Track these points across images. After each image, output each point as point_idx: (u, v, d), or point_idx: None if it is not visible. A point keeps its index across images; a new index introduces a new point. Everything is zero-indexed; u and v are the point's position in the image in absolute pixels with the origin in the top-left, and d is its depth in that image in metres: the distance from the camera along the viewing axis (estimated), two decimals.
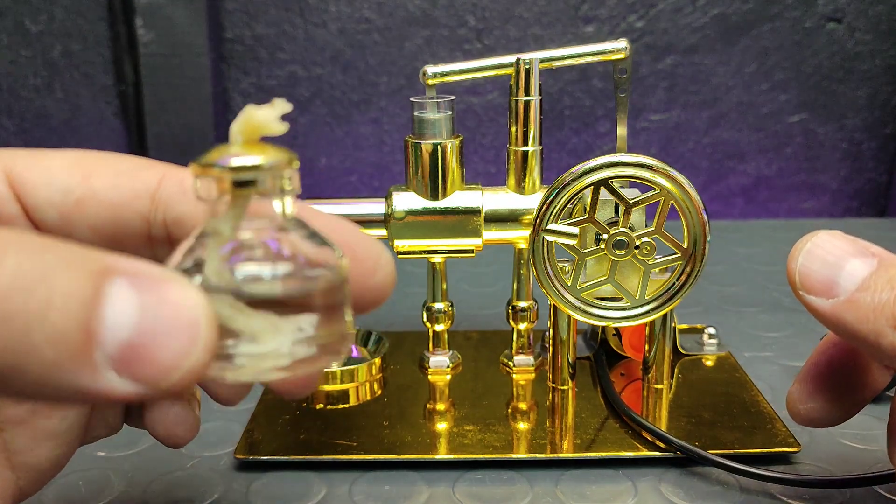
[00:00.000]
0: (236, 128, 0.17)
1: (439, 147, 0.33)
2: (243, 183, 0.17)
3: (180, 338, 0.15)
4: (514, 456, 0.30)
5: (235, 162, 0.17)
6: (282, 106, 0.17)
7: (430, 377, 0.37)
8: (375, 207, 0.34)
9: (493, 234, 0.34)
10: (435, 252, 0.34)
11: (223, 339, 0.16)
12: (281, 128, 0.17)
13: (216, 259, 0.17)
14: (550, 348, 0.35)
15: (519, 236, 0.34)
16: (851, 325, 0.21)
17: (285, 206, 0.18)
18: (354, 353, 0.38)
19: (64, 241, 0.15)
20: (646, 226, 0.32)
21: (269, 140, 0.18)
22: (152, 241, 0.22)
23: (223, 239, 0.17)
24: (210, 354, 0.16)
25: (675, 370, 0.37)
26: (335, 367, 0.36)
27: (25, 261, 0.15)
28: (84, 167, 0.22)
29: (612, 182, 0.30)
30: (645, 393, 0.35)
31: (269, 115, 0.17)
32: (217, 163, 0.17)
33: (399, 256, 0.34)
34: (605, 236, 0.31)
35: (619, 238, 0.31)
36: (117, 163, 0.22)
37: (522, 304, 0.36)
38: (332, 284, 0.18)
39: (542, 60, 0.33)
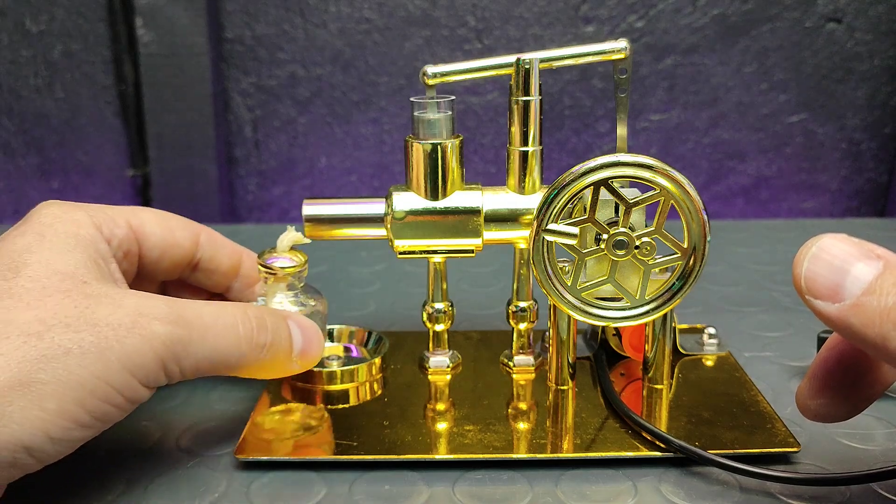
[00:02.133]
0: (282, 244, 0.35)
1: (439, 147, 0.33)
2: (280, 273, 0.34)
3: (317, 343, 0.33)
4: (514, 456, 0.30)
5: (276, 264, 0.34)
6: (298, 235, 0.35)
7: (430, 377, 0.37)
8: (375, 207, 0.34)
9: (493, 234, 0.34)
10: (435, 252, 0.34)
11: None
12: (307, 240, 0.35)
13: (270, 300, 0.35)
14: (550, 348, 0.35)
15: (519, 236, 0.34)
16: (858, 329, 0.21)
17: (301, 280, 0.35)
18: (354, 353, 0.38)
19: (271, 309, 0.32)
20: (646, 226, 0.32)
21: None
22: (192, 268, 0.36)
23: (271, 297, 0.35)
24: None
25: (675, 370, 0.37)
26: (335, 367, 0.36)
27: (269, 318, 0.31)
28: (166, 222, 0.34)
29: (612, 182, 0.30)
30: (645, 393, 0.35)
31: (300, 236, 0.35)
32: (266, 263, 0.34)
33: (399, 256, 0.34)
34: (605, 236, 0.31)
35: (619, 238, 0.31)
36: (176, 219, 0.35)
37: (522, 304, 0.36)
38: (320, 313, 0.35)
39: (542, 60, 0.33)
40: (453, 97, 0.33)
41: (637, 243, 0.31)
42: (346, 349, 0.39)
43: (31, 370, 0.23)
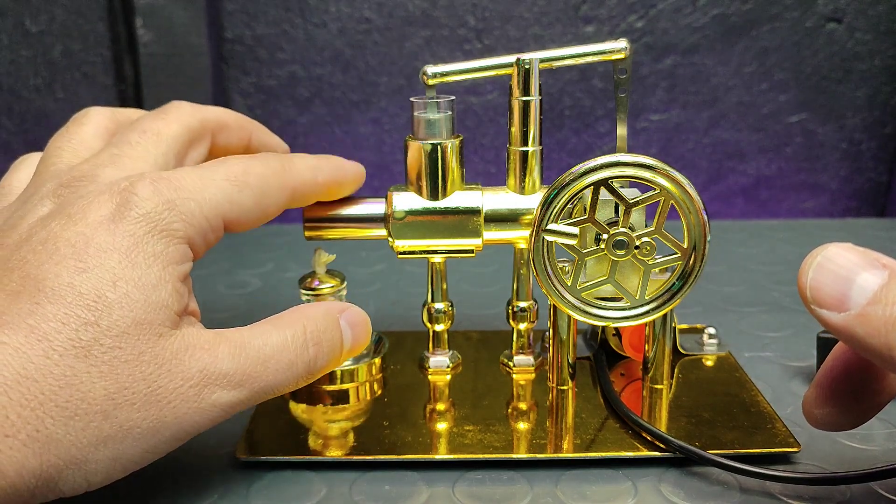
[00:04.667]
0: (318, 267, 0.35)
1: (439, 147, 0.33)
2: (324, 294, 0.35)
3: (365, 335, 0.31)
4: (514, 456, 0.30)
5: (319, 287, 0.35)
6: (328, 256, 0.35)
7: (430, 377, 0.37)
8: (375, 207, 0.34)
9: (493, 234, 0.34)
10: (435, 252, 0.34)
11: None
12: (333, 256, 0.35)
13: None
14: (550, 348, 0.35)
15: (519, 236, 0.34)
16: (863, 338, 0.21)
17: (342, 299, 0.36)
18: None
19: (326, 317, 0.30)
20: (646, 226, 0.32)
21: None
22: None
23: None
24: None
25: (675, 370, 0.37)
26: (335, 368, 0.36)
27: (325, 336, 0.29)
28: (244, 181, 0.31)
29: (612, 182, 0.30)
30: (645, 393, 0.35)
31: (330, 256, 0.35)
32: (310, 286, 0.35)
33: (399, 256, 0.34)
34: (605, 236, 0.31)
35: (619, 238, 0.31)
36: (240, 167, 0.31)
37: (522, 304, 0.36)
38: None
39: (542, 60, 0.33)
40: (453, 97, 0.33)
41: (637, 243, 0.31)
42: None
43: (89, 451, 0.23)
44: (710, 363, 0.38)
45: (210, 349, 0.26)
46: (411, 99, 0.33)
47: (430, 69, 0.33)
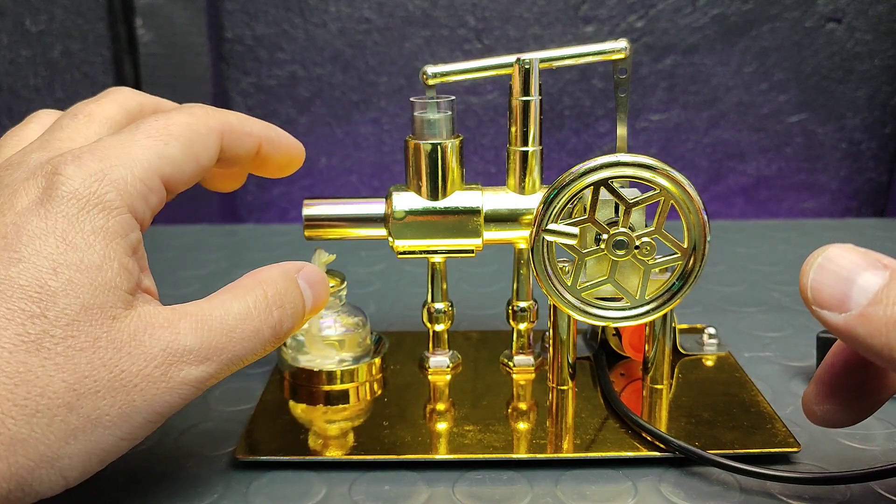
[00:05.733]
0: (317, 266, 0.34)
1: (439, 147, 0.33)
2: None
3: (324, 295, 0.31)
4: (514, 456, 0.30)
5: None
6: (328, 256, 0.35)
7: (430, 377, 0.37)
8: (375, 207, 0.34)
9: (493, 234, 0.34)
10: (435, 252, 0.34)
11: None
12: (333, 256, 0.35)
13: (315, 322, 0.37)
14: (550, 348, 0.35)
15: (519, 236, 0.34)
16: (864, 338, 0.21)
17: (342, 299, 0.37)
18: None
19: (286, 279, 0.29)
20: (646, 226, 0.32)
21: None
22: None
23: (316, 318, 0.37)
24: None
25: (675, 370, 0.37)
26: (335, 368, 0.36)
27: (288, 299, 0.28)
28: (193, 152, 0.29)
29: (612, 182, 0.30)
30: (645, 393, 0.35)
31: (330, 257, 0.35)
32: None
33: (399, 256, 0.34)
34: (605, 236, 0.31)
35: (619, 238, 0.31)
36: (201, 142, 0.30)
37: (522, 304, 0.36)
38: (362, 329, 0.37)
39: (542, 60, 0.33)
40: (453, 97, 0.33)
41: (637, 243, 0.31)
42: None
43: (59, 446, 0.23)
44: (710, 363, 0.38)
45: (170, 326, 0.25)
46: (411, 99, 0.33)
47: (430, 69, 0.33)
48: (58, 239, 0.24)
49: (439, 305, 0.36)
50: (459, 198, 0.33)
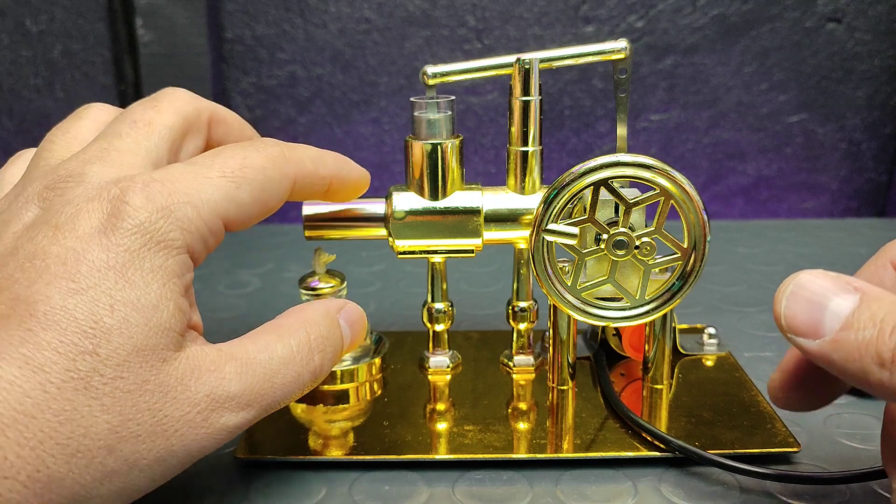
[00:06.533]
0: (318, 267, 0.36)
1: (439, 147, 0.33)
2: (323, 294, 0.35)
3: (361, 332, 0.31)
4: (514, 456, 0.30)
5: (319, 286, 0.35)
6: (328, 256, 0.36)
7: (430, 377, 0.37)
8: (375, 207, 0.34)
9: (493, 234, 0.34)
10: (435, 252, 0.34)
11: None
12: (333, 256, 0.36)
13: None
14: (550, 348, 0.35)
15: (519, 236, 0.34)
16: (840, 364, 0.21)
17: (343, 297, 0.35)
18: None
19: (328, 321, 0.29)
20: (646, 226, 0.32)
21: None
22: None
23: None
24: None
25: (675, 370, 0.37)
26: (335, 367, 0.36)
27: (329, 342, 0.29)
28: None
29: (612, 182, 0.30)
30: (645, 393, 0.35)
31: (330, 257, 0.35)
32: (309, 286, 0.35)
33: (399, 256, 0.34)
34: (605, 236, 0.31)
35: (619, 238, 0.31)
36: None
37: (522, 304, 0.36)
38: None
39: (542, 60, 0.33)
40: (453, 97, 0.33)
41: (637, 243, 0.31)
42: None
43: (93, 486, 0.22)
44: (710, 363, 0.38)
45: (216, 370, 0.25)
46: (411, 99, 0.33)
47: (430, 69, 0.33)
48: (117, 274, 0.23)
49: (439, 305, 0.36)
50: (459, 198, 0.33)
